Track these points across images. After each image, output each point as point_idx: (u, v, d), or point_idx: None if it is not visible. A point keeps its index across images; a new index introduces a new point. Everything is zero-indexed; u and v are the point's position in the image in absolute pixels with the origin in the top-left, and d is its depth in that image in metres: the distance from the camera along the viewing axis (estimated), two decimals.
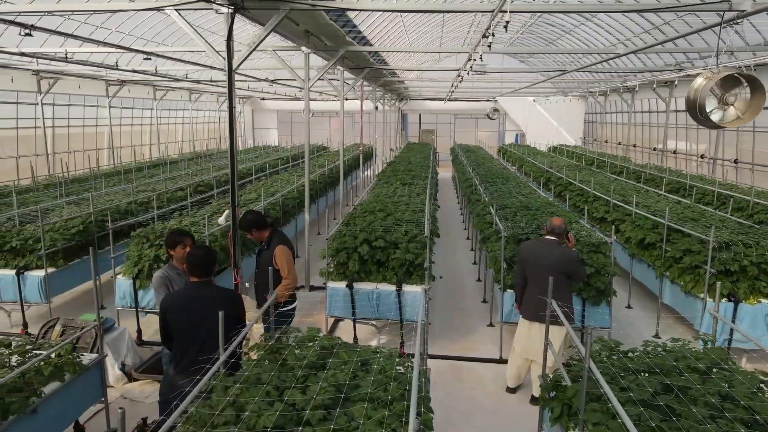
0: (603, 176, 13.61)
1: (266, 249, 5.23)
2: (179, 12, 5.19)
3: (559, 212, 8.34)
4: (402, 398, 2.99)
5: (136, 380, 6.15)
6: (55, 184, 13.85)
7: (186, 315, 3.87)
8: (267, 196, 9.98)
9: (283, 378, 3.26)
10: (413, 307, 6.65)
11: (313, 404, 2.82)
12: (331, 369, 3.41)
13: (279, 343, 3.84)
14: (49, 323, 6.25)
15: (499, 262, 6.93)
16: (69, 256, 7.67)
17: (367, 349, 3.73)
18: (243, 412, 2.76)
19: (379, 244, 6.77)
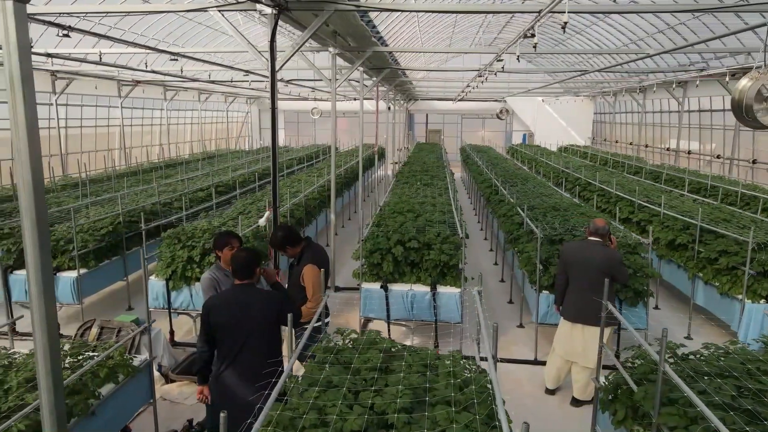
0: (621, 176, 13.57)
1: (297, 265, 4.94)
2: (222, 13, 5.17)
3: (589, 213, 8.32)
4: (477, 402, 2.97)
5: (172, 381, 6.15)
6: (72, 184, 13.87)
7: (227, 317, 3.85)
8: (290, 196, 9.96)
9: (352, 381, 3.24)
10: (448, 308, 6.64)
11: (395, 408, 2.80)
12: (397, 372, 3.40)
13: (338, 345, 3.83)
14: (86, 324, 6.23)
15: (532, 263, 6.92)
16: (99, 257, 7.66)
17: (429, 351, 3.72)
18: (325, 415, 2.75)
19: (412, 245, 6.76)
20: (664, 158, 20.94)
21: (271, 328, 3.87)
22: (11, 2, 1.97)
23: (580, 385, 5.62)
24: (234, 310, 3.84)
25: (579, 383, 5.62)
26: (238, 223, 7.86)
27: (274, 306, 3.88)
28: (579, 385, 5.62)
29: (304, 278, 4.69)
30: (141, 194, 10.84)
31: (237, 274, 3.93)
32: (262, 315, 3.81)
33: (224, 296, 4.04)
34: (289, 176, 14.29)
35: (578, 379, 5.62)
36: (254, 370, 3.79)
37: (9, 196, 11.63)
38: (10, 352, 4.23)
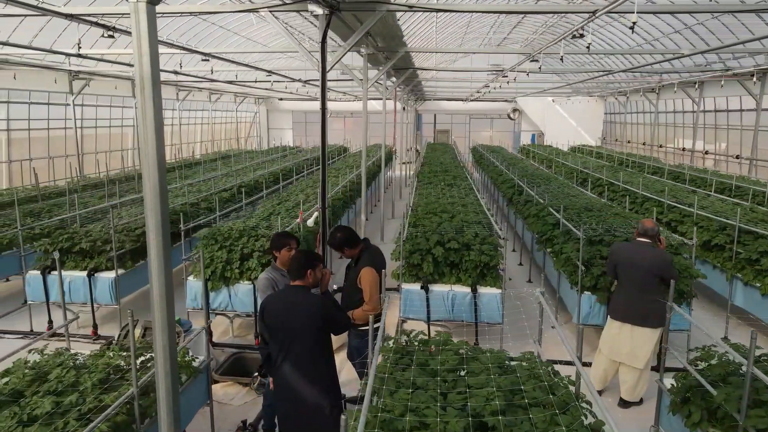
0: (641, 177, 13.55)
1: (354, 267, 4.89)
2: (273, 14, 5.16)
3: (623, 214, 8.30)
4: (564, 404, 2.96)
5: (216, 382, 6.13)
6: (92, 185, 13.88)
7: (277, 317, 3.83)
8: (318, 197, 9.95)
9: (434, 382, 3.24)
10: (489, 308, 6.63)
11: (490, 410, 2.79)
12: (475, 373, 3.39)
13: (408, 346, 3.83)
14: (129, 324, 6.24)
15: (572, 264, 6.90)
16: (134, 258, 7.66)
17: (502, 353, 3.71)
18: (423, 417, 2.74)
19: (452, 245, 6.75)
20: (678, 158, 20.91)
21: (315, 332, 3.79)
22: (144, 4, 1.96)
23: (628, 386, 5.60)
24: (281, 311, 3.82)
25: (627, 384, 5.60)
26: (271, 224, 7.87)
27: (318, 310, 3.80)
28: (627, 386, 5.61)
29: (361, 280, 4.66)
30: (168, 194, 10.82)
31: (290, 274, 3.92)
32: (306, 318, 3.76)
33: (275, 296, 4.03)
34: (309, 176, 14.28)
35: (626, 380, 5.60)
36: (298, 373, 3.78)
37: (33, 197, 11.65)
38: (74, 353, 4.21)
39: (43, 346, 4.18)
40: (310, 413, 3.83)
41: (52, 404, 3.25)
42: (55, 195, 12.29)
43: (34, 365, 3.80)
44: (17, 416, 3.18)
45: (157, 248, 2.10)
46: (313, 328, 3.75)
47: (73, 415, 3.22)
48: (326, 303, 3.86)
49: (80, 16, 5.67)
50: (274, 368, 3.88)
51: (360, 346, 4.97)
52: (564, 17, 21.77)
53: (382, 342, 3.55)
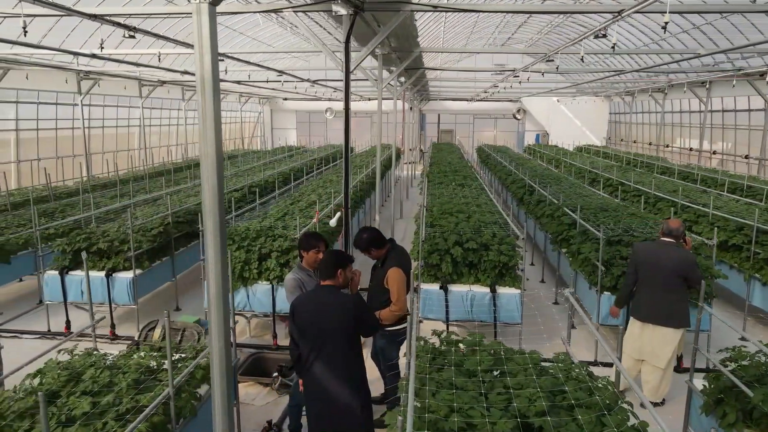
0: (651, 177, 13.54)
1: (380, 267, 4.84)
2: (297, 14, 5.16)
3: (639, 214, 8.30)
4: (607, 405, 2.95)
5: (237, 382, 6.13)
6: (102, 185, 13.89)
7: (308, 318, 3.82)
8: (332, 197, 9.96)
9: (473, 383, 3.23)
10: (508, 309, 6.62)
11: (535, 411, 2.79)
12: (511, 374, 3.39)
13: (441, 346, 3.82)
14: (149, 325, 6.24)
15: (590, 264, 6.90)
16: (151, 258, 7.66)
17: (536, 354, 3.71)
18: (470, 418, 2.73)
19: (471, 246, 6.75)
20: (685, 158, 20.89)
21: (346, 333, 3.78)
22: (206, 5, 1.96)
23: (651, 386, 5.59)
24: (312, 312, 3.81)
25: (650, 384, 5.59)
26: (287, 224, 7.86)
27: (349, 310, 3.78)
28: (650, 386, 5.60)
29: (388, 281, 4.65)
30: (179, 194, 10.84)
31: (321, 274, 3.91)
32: (338, 318, 3.75)
33: (306, 297, 4.03)
34: (319, 176, 14.26)
35: (649, 379, 5.59)
36: (330, 373, 3.76)
37: (44, 197, 11.65)
38: (103, 353, 4.21)
39: (72, 347, 4.19)
40: (341, 413, 3.83)
41: (90, 405, 3.24)
42: (66, 195, 12.30)
43: (67, 365, 3.79)
44: (55, 417, 3.18)
45: (214, 248, 2.10)
46: (344, 328, 3.74)
47: (110, 416, 3.22)
48: (358, 303, 3.85)
49: (104, 17, 5.68)
50: (305, 369, 3.87)
51: (385, 347, 4.96)
52: (570, 17, 21.81)
53: (413, 342, 3.54)
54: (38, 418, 3.19)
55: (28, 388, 3.48)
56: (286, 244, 6.92)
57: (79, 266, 7.27)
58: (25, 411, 3.23)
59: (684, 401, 4.42)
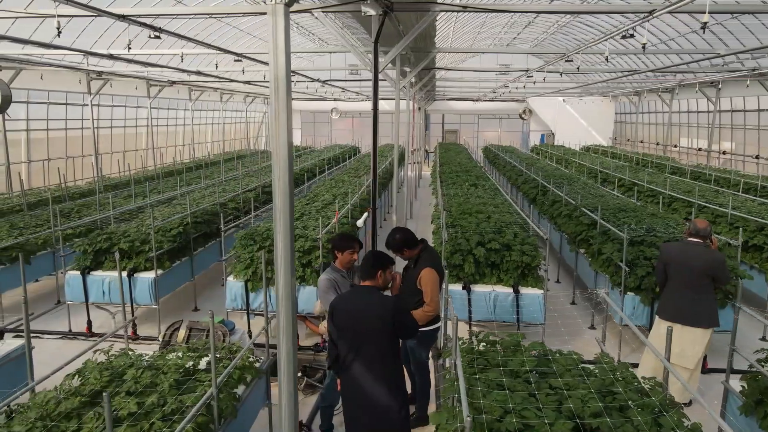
0: (663, 177, 13.53)
1: (413, 267, 4.81)
2: (325, 14, 5.16)
3: (659, 215, 8.29)
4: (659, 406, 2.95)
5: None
6: (113, 185, 13.89)
7: (347, 318, 3.81)
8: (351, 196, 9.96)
9: (517, 384, 3.23)
10: (531, 309, 6.61)
11: (591, 412, 2.78)
12: (554, 375, 3.38)
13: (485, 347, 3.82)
14: (174, 325, 6.23)
15: (612, 264, 6.90)
16: (171, 258, 7.66)
17: (576, 355, 3.71)
18: (524, 419, 2.73)
19: (493, 246, 6.75)
20: (693, 158, 20.86)
21: (386, 333, 3.75)
22: (282, 5, 1.95)
23: (678, 386, 5.57)
24: (352, 312, 3.80)
25: (677, 384, 5.57)
26: (306, 224, 7.86)
27: (389, 311, 3.77)
28: (677, 386, 5.58)
29: (421, 281, 4.63)
30: (194, 194, 10.85)
31: (361, 275, 3.90)
32: (377, 319, 3.73)
33: (345, 297, 4.02)
34: (330, 176, 14.25)
35: (676, 380, 5.58)
36: (368, 374, 3.75)
37: (57, 197, 11.65)
38: (138, 353, 4.21)
39: (108, 347, 4.19)
40: (378, 414, 3.81)
41: (136, 405, 3.24)
42: (78, 195, 12.30)
43: (107, 365, 3.79)
44: (101, 417, 3.18)
45: (284, 250, 2.10)
46: (384, 329, 3.72)
47: (156, 416, 3.22)
48: (398, 305, 3.83)
49: (130, 17, 5.69)
50: (343, 369, 3.85)
51: (415, 347, 4.95)
52: (578, 17, 21.77)
53: (456, 343, 3.53)
54: (85, 418, 3.19)
55: (71, 389, 3.47)
56: (307, 244, 6.92)
57: (100, 267, 7.27)
58: (72, 411, 3.23)
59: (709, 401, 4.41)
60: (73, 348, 7.04)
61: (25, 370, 4.81)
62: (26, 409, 3.25)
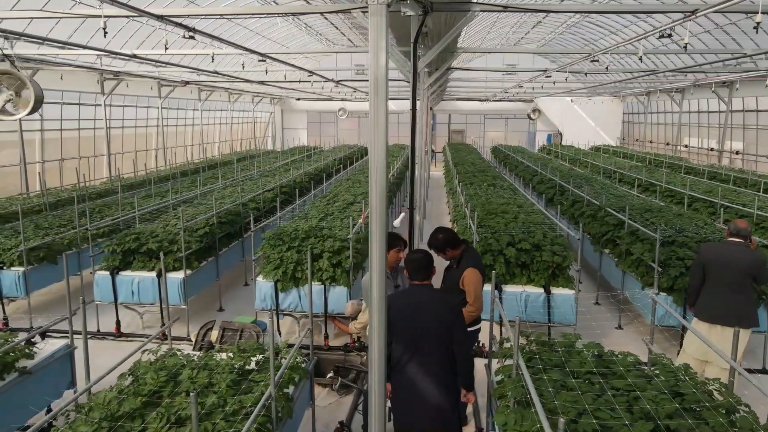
0: (679, 177, 13.51)
1: (455, 267, 4.80)
2: (364, 14, 5.15)
3: (687, 215, 8.28)
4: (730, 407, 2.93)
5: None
6: (128, 185, 13.89)
7: (403, 317, 3.80)
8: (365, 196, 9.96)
9: (578, 384, 3.22)
10: (562, 309, 6.60)
11: (665, 413, 2.77)
12: (613, 375, 3.37)
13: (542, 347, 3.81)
14: (207, 326, 6.24)
15: (642, 264, 6.89)
16: (199, 258, 7.66)
17: (633, 356, 3.70)
18: (600, 419, 2.72)
19: (524, 246, 6.74)
20: (703, 158, 20.83)
21: (443, 332, 3.73)
22: (383, 6, 1.95)
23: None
24: (408, 311, 3.78)
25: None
26: (331, 224, 7.86)
27: (450, 310, 3.75)
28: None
29: (465, 281, 4.62)
30: (213, 194, 10.85)
31: (416, 275, 3.87)
32: (435, 318, 3.72)
33: (400, 296, 4.00)
34: (346, 177, 14.24)
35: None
36: (425, 374, 3.73)
37: (80, 196, 11.66)
38: (186, 353, 4.20)
39: (157, 347, 4.19)
40: (433, 414, 3.79)
41: (199, 406, 3.23)
42: (95, 195, 12.31)
43: (161, 365, 3.79)
44: (164, 417, 3.18)
45: (379, 251, 2.09)
46: (442, 327, 3.69)
47: (218, 416, 3.22)
48: (458, 306, 3.81)
49: (168, 17, 5.69)
50: (397, 368, 3.81)
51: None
52: (587, 17, 21.76)
53: (515, 343, 3.52)
54: (148, 419, 3.19)
55: (130, 389, 3.47)
56: (337, 244, 6.92)
57: (128, 267, 7.27)
58: (134, 411, 3.23)
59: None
60: (105, 348, 7.06)
61: (68, 370, 4.84)
62: (88, 409, 3.25)
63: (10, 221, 9.41)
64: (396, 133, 37.76)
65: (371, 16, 1.92)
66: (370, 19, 1.92)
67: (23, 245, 7.19)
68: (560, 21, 22.76)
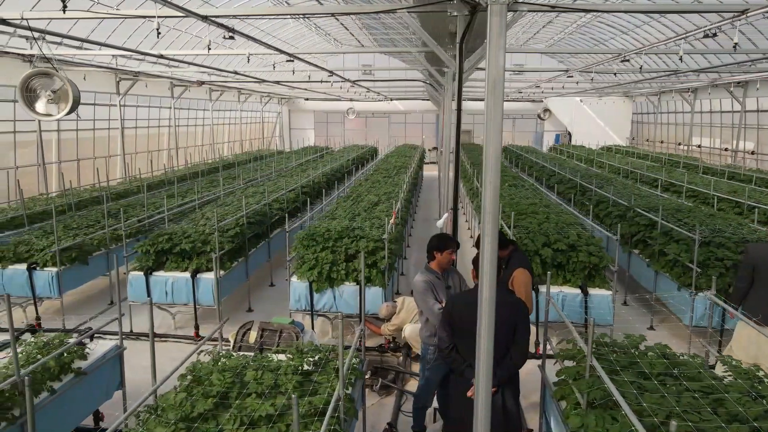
0: (698, 177, 13.48)
1: (504, 268, 4.74)
2: (410, 13, 5.14)
3: (719, 215, 8.25)
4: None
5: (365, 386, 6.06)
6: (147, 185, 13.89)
7: (466, 317, 3.76)
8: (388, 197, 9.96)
9: (651, 386, 3.20)
10: (600, 310, 6.58)
11: (754, 415, 2.75)
12: (682, 378, 3.36)
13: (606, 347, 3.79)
14: (246, 326, 6.22)
15: (679, 265, 6.87)
16: (231, 258, 7.65)
17: (698, 358, 3.68)
18: (697, 423, 2.70)
19: (559, 246, 6.73)
20: (716, 158, 20.79)
21: (508, 334, 3.70)
22: (504, 6, 1.94)
23: None
24: (472, 311, 3.75)
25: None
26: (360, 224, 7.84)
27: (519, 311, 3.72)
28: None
29: (514, 282, 4.63)
30: (236, 194, 10.86)
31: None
32: (501, 318, 3.69)
33: (464, 296, 3.98)
34: (364, 178, 14.21)
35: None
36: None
37: (96, 198, 11.67)
38: (242, 354, 4.19)
39: (212, 349, 4.18)
40: (499, 417, 3.76)
41: (272, 407, 3.22)
42: (116, 195, 12.31)
43: (223, 366, 3.78)
44: (238, 418, 3.17)
45: (491, 252, 2.08)
46: (509, 329, 3.65)
47: (290, 418, 3.20)
48: (523, 304, 3.78)
49: (211, 17, 5.69)
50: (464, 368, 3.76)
51: None
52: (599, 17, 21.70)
53: (590, 343, 3.50)
54: (222, 420, 3.18)
55: (199, 390, 3.46)
56: (371, 244, 6.90)
57: (161, 267, 7.27)
58: (207, 412, 3.22)
59: None
60: (140, 349, 7.03)
61: (118, 370, 4.83)
62: (161, 410, 3.24)
63: (34, 222, 9.43)
64: (404, 134, 37.83)
65: (491, 17, 1.91)
66: (490, 20, 1.92)
67: (56, 245, 7.19)
68: (570, 20, 22.69)
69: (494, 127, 1.99)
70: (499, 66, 1.96)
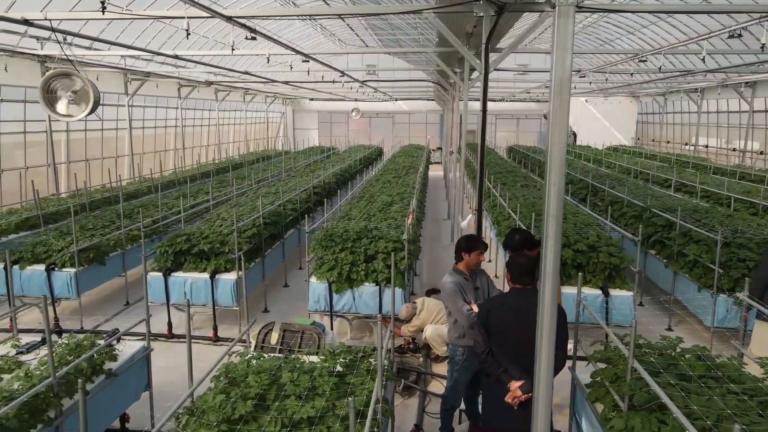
0: (709, 177, 13.46)
1: None
2: (436, 15, 5.13)
3: (736, 216, 8.24)
4: None
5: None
6: (156, 185, 13.89)
7: (502, 321, 3.74)
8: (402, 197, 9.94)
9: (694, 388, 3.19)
10: (621, 311, 6.57)
11: None
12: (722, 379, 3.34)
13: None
14: (267, 327, 6.20)
15: (700, 265, 6.85)
16: (248, 259, 7.64)
17: (735, 360, 3.66)
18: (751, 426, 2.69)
19: (580, 247, 6.71)
20: (723, 158, 20.76)
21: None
22: (572, 7, 1.92)
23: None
24: (510, 315, 3.75)
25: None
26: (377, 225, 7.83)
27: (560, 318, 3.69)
28: None
29: None
30: (249, 195, 10.85)
31: (522, 279, 3.83)
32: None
33: (502, 299, 3.96)
34: (375, 178, 14.20)
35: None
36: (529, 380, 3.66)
37: (107, 198, 11.68)
38: (274, 355, 4.18)
39: (244, 350, 4.17)
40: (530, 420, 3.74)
41: (313, 409, 3.21)
42: (128, 196, 12.30)
43: (259, 368, 3.77)
44: (279, 420, 3.16)
45: (554, 254, 2.07)
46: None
47: (331, 420, 3.20)
48: (561, 309, 3.75)
49: (235, 18, 5.69)
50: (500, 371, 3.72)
51: None
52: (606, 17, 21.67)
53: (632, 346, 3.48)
54: (263, 422, 3.17)
55: (237, 392, 3.44)
56: (391, 245, 6.89)
57: (179, 268, 7.26)
58: (247, 414, 3.21)
59: None
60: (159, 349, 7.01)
61: (145, 372, 4.82)
62: (201, 412, 3.23)
63: (48, 222, 9.43)
64: (407, 134, 37.81)
65: (559, 18, 1.90)
66: (557, 21, 1.90)
67: (75, 246, 7.18)
68: (576, 20, 22.69)
69: (559, 128, 1.98)
70: (566, 68, 1.95)
